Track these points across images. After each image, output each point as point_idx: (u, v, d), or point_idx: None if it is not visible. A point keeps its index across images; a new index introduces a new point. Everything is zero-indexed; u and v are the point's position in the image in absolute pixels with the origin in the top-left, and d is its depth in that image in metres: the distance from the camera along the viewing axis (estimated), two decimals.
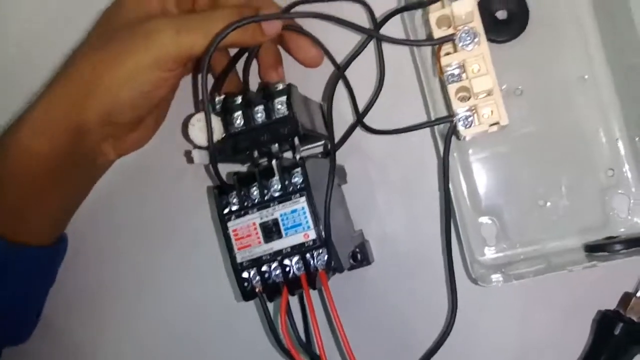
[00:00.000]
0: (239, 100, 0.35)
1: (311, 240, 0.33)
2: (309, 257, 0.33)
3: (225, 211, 0.35)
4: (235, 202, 0.35)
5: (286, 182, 0.34)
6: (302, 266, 0.34)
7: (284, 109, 0.34)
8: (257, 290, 0.34)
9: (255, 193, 0.34)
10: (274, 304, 0.38)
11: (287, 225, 0.34)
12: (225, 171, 0.38)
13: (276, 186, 0.34)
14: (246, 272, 0.34)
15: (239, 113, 0.34)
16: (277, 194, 0.34)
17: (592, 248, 0.37)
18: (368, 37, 0.38)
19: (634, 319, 0.36)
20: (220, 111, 0.35)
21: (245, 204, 0.34)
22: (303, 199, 0.33)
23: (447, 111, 0.37)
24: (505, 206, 0.40)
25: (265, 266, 0.34)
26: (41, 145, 0.37)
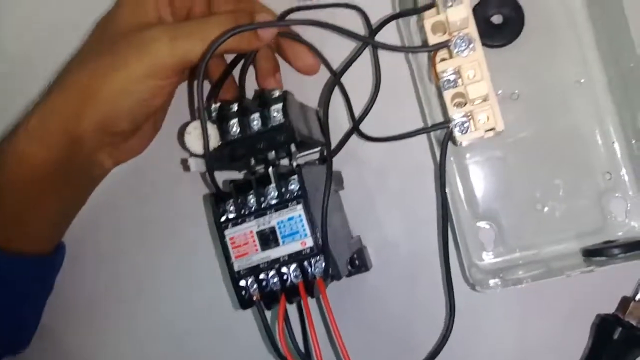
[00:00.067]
0: (235, 108, 0.34)
1: (308, 248, 0.33)
2: (306, 265, 0.33)
3: (222, 219, 0.34)
4: (232, 210, 0.34)
5: (283, 189, 0.34)
6: (299, 274, 0.33)
7: (280, 116, 0.33)
8: (255, 298, 0.34)
9: (252, 201, 0.34)
10: (272, 312, 0.38)
11: (285, 233, 0.34)
12: (221, 179, 0.38)
13: (273, 193, 0.34)
14: (244, 281, 0.34)
15: (235, 121, 0.34)
16: (274, 202, 0.34)
17: (590, 252, 0.37)
18: (363, 44, 0.38)
19: (633, 323, 0.36)
20: (216, 119, 0.34)
21: (242, 211, 0.34)
22: (300, 206, 0.33)
23: (444, 117, 0.37)
24: (502, 211, 0.40)
25: (263, 274, 0.34)
26: (37, 153, 0.38)
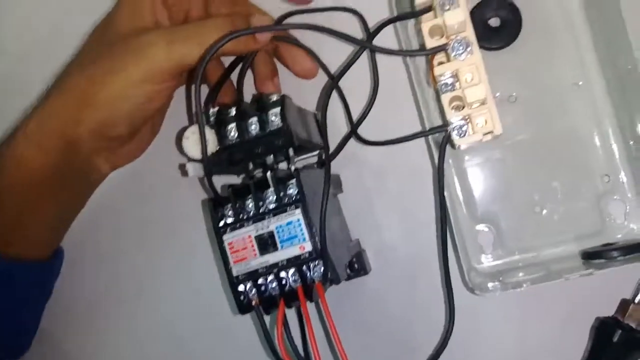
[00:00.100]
0: (232, 112, 0.34)
1: (307, 252, 0.33)
2: (305, 270, 0.33)
3: (221, 224, 0.34)
4: (230, 214, 0.34)
5: (281, 193, 0.34)
6: (298, 278, 0.33)
7: (278, 120, 0.33)
8: (254, 303, 0.34)
9: (251, 205, 0.34)
10: (271, 316, 0.38)
11: (283, 238, 0.33)
12: (220, 183, 0.38)
13: (271, 198, 0.34)
14: (242, 285, 0.34)
15: (233, 125, 0.34)
16: (273, 206, 0.34)
17: (589, 255, 0.37)
18: (361, 48, 0.38)
19: (633, 325, 0.36)
20: (214, 123, 0.34)
21: (241, 216, 0.34)
22: (298, 210, 0.33)
23: (442, 120, 0.37)
24: (501, 213, 0.40)
25: (262, 279, 0.34)
26: (35, 157, 0.37)
